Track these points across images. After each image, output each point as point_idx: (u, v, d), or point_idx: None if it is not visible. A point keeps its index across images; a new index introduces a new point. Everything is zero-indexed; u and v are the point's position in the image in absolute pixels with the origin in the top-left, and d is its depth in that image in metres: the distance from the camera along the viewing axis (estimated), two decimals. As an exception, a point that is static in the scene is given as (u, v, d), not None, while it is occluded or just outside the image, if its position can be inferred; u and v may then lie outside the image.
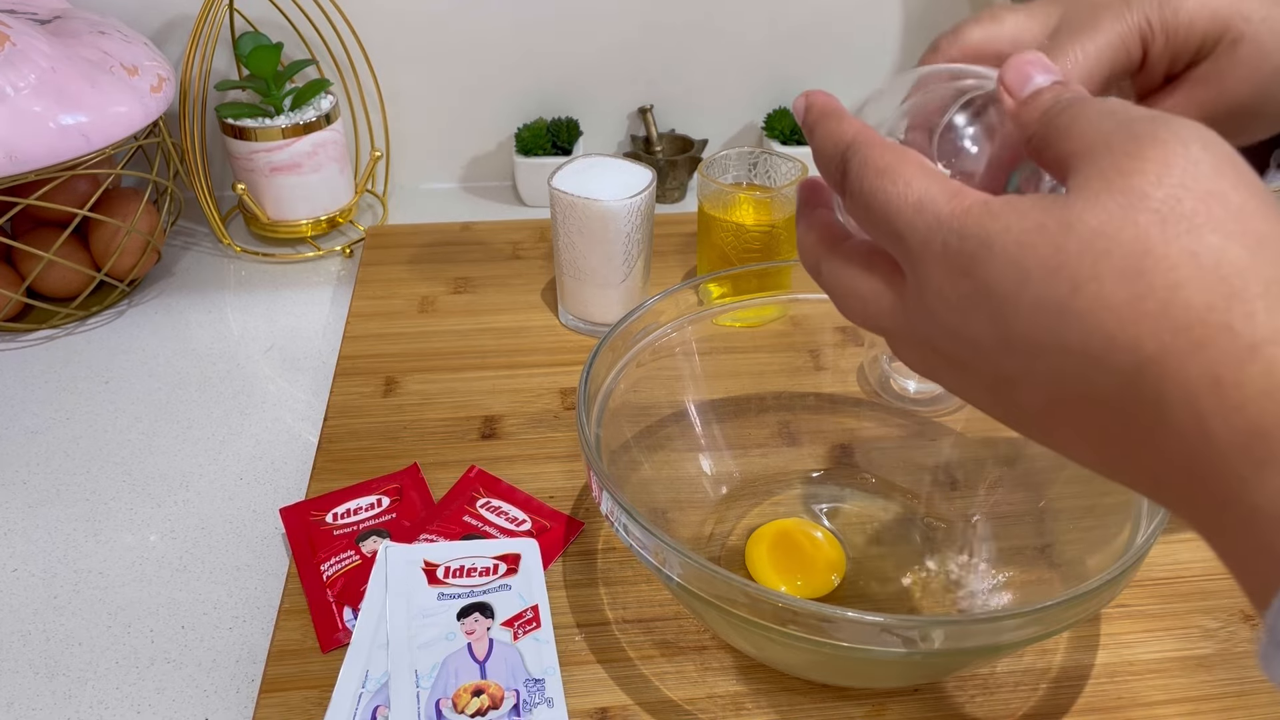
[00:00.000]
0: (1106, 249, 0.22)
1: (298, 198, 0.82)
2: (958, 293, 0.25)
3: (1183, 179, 0.22)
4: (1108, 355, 0.23)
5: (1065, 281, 0.23)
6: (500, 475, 0.58)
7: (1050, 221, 0.23)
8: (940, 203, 0.25)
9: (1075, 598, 0.37)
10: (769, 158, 0.70)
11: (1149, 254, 0.22)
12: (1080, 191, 0.24)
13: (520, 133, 0.90)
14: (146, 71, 0.71)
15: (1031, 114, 0.27)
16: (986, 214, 0.25)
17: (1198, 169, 0.23)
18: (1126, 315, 0.22)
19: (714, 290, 0.58)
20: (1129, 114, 0.25)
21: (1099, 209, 0.23)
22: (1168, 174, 0.23)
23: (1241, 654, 0.48)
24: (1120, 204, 0.23)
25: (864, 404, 0.62)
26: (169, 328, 0.74)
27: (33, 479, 0.59)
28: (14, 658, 0.48)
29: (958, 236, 0.25)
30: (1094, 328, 0.23)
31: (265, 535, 0.55)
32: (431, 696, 0.44)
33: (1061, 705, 0.46)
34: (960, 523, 0.55)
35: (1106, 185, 0.23)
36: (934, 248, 0.25)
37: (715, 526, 0.55)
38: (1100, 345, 0.23)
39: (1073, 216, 0.23)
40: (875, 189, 0.27)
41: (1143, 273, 0.22)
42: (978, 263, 0.24)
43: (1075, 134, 0.25)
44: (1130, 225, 0.22)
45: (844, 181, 0.28)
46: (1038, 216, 0.24)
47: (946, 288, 0.25)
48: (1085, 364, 0.23)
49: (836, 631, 0.37)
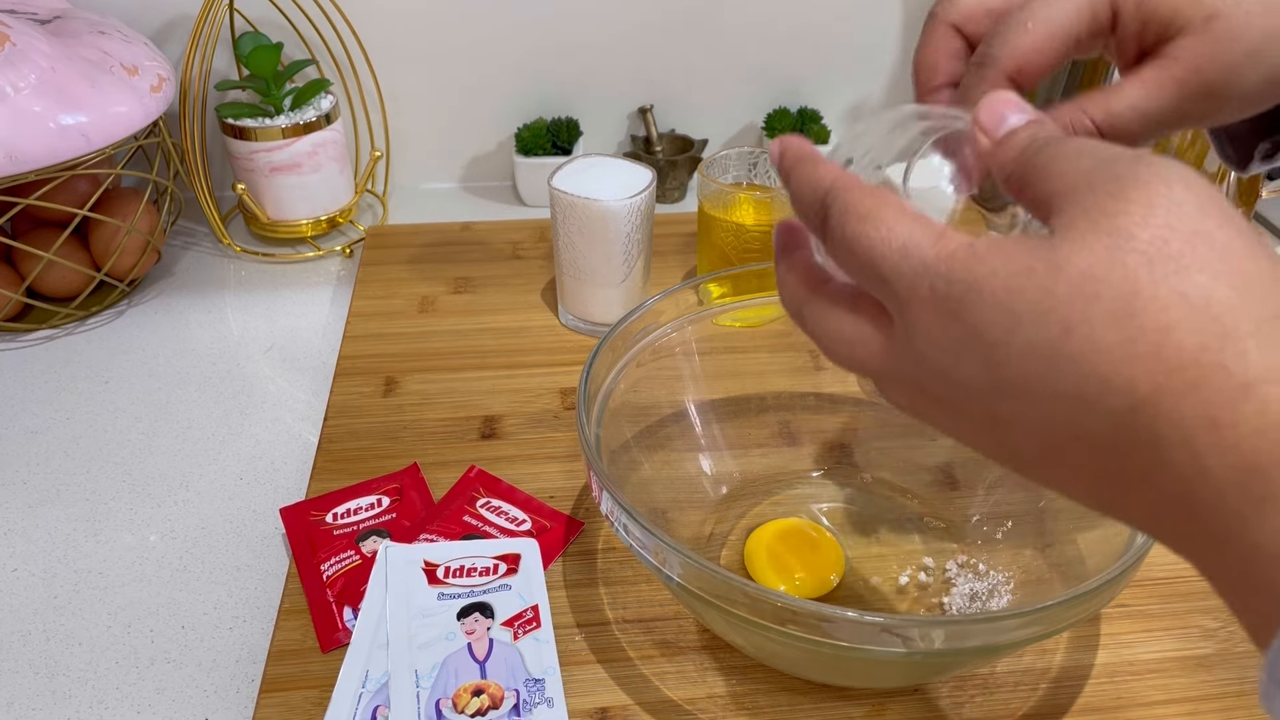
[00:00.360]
0: (1096, 291, 0.22)
1: (298, 198, 0.82)
2: (948, 336, 0.25)
3: (1168, 219, 0.23)
4: (1102, 398, 0.23)
5: (1056, 325, 0.23)
6: (500, 475, 0.58)
7: (1038, 264, 0.23)
8: (925, 247, 0.25)
9: (1075, 598, 0.37)
10: (769, 158, 0.70)
11: (1139, 295, 0.22)
12: (1066, 232, 0.24)
13: (520, 133, 0.90)
14: (146, 71, 0.71)
15: (1008, 154, 0.27)
16: (973, 257, 0.24)
17: (1182, 209, 0.23)
18: (1119, 357, 0.22)
19: (714, 290, 0.58)
20: (1109, 153, 0.25)
21: (1086, 251, 0.23)
22: (1152, 214, 0.23)
23: (1241, 654, 0.48)
24: (1107, 245, 0.23)
25: (864, 404, 0.62)
26: (169, 328, 0.74)
27: (33, 479, 0.59)
28: (14, 658, 0.48)
29: (945, 281, 0.25)
30: (1088, 371, 0.23)
31: (265, 535, 0.55)
32: (431, 696, 0.44)
33: (1061, 705, 0.46)
34: (960, 523, 0.55)
35: (1092, 226, 0.23)
36: (921, 292, 0.25)
37: (715, 526, 0.55)
38: (1094, 388, 0.23)
39: (1060, 258, 0.23)
40: (858, 234, 0.26)
41: (1134, 314, 0.22)
42: (966, 306, 0.24)
43: (1055, 174, 0.25)
44: (1119, 267, 0.22)
45: (824, 227, 0.28)
46: (1025, 259, 0.24)
47: (936, 331, 0.25)
48: (1080, 407, 0.23)
49: (836, 631, 0.37)
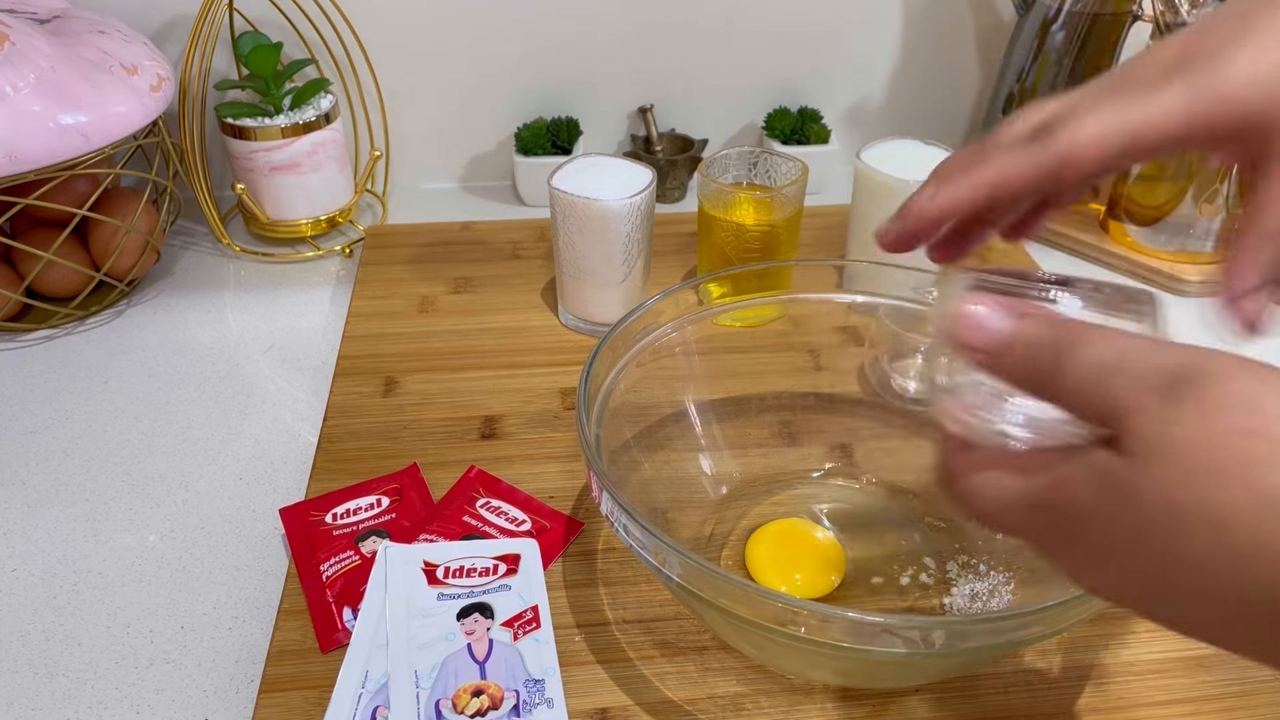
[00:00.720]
0: None
1: (297, 197, 0.82)
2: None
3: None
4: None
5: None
6: (500, 475, 0.58)
7: None
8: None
9: (1075, 598, 0.37)
10: (769, 157, 0.70)
11: None
12: None
13: (520, 133, 0.90)
14: (146, 71, 0.71)
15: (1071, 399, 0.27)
16: None
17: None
18: None
19: (714, 290, 0.58)
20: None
21: None
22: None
23: (1242, 654, 0.48)
24: None
25: (864, 404, 0.62)
26: (168, 328, 0.74)
27: (32, 479, 0.59)
28: (13, 658, 0.48)
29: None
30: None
31: (265, 535, 0.55)
32: (431, 697, 0.44)
33: (1061, 705, 0.45)
34: (960, 523, 0.55)
35: None
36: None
37: (715, 526, 0.55)
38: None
39: None
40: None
41: None
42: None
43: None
44: None
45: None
46: None
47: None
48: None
49: (836, 632, 0.37)
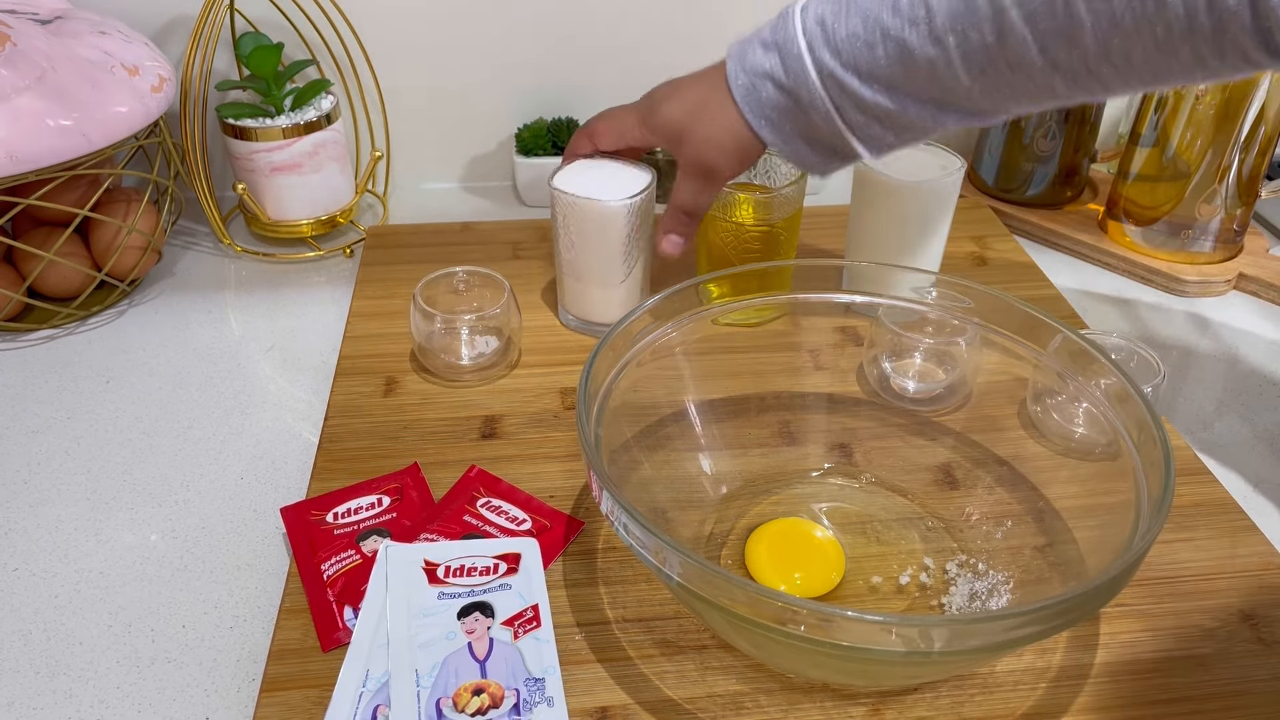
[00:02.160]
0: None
1: (298, 198, 0.82)
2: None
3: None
4: None
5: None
6: (500, 475, 0.58)
7: None
8: None
9: (1075, 598, 0.37)
10: (769, 157, 0.70)
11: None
12: None
13: (520, 133, 0.90)
14: (147, 71, 0.71)
15: None
16: None
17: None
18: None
19: (714, 290, 0.58)
20: None
21: None
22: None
23: (1241, 654, 0.48)
24: None
25: (864, 404, 0.62)
26: (170, 327, 0.74)
27: (33, 479, 0.59)
28: (14, 657, 0.48)
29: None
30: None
31: (266, 535, 0.55)
32: (432, 696, 0.44)
33: (1061, 705, 0.46)
34: (960, 522, 0.55)
35: None
36: None
37: (715, 526, 0.55)
38: None
39: None
40: None
41: None
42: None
43: None
44: None
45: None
46: None
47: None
48: None
49: (836, 631, 0.37)
